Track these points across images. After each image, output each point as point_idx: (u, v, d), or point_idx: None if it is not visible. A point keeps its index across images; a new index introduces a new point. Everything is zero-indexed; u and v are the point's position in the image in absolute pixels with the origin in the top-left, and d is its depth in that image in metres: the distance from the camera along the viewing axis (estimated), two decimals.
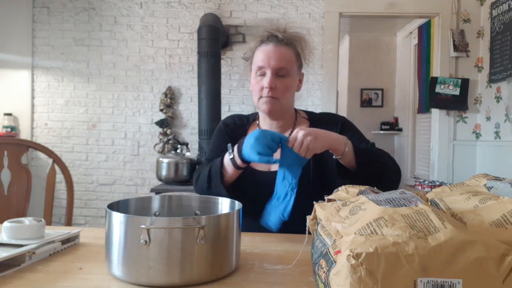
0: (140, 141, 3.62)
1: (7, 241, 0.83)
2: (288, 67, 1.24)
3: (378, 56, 5.60)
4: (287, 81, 1.25)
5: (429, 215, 0.56)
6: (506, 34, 3.06)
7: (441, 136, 3.48)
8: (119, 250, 0.72)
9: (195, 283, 0.72)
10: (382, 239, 0.52)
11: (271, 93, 1.23)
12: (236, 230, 0.79)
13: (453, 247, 0.50)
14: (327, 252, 0.59)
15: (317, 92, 3.52)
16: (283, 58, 1.24)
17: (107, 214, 0.76)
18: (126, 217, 0.73)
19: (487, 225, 0.61)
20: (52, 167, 1.61)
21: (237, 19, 3.55)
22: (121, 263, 0.72)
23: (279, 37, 1.25)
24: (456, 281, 0.49)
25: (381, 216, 0.57)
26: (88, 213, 3.65)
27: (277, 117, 1.30)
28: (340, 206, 0.68)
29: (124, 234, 0.72)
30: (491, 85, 3.27)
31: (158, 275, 0.70)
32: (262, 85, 1.24)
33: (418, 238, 0.52)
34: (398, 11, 3.48)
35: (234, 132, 1.38)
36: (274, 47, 1.24)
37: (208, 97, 3.19)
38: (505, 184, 0.72)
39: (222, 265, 0.75)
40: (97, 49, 3.64)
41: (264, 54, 1.24)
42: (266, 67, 1.23)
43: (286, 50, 1.25)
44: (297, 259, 0.81)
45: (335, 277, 0.52)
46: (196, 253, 0.71)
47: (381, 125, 5.50)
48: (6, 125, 3.57)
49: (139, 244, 0.70)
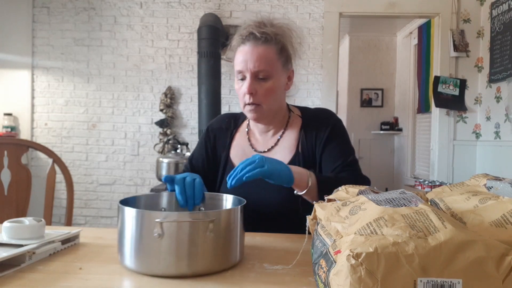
0: (140, 141, 3.62)
1: (7, 241, 0.83)
2: (268, 68, 1.14)
3: (378, 56, 5.60)
4: (269, 85, 1.16)
5: (429, 215, 0.57)
6: (506, 34, 3.06)
7: (441, 136, 3.48)
8: (132, 243, 0.77)
9: (204, 273, 0.76)
10: (382, 239, 0.52)
11: (253, 99, 1.15)
12: (240, 224, 0.84)
13: (453, 247, 0.50)
14: (327, 252, 0.59)
15: (317, 92, 3.52)
16: (262, 60, 1.13)
17: (120, 209, 0.80)
18: (140, 212, 0.78)
19: (487, 225, 0.61)
20: (52, 167, 1.61)
21: (237, 19, 3.55)
22: (134, 255, 0.77)
23: (256, 35, 1.14)
24: (456, 281, 0.49)
25: (381, 216, 0.57)
26: (88, 213, 3.65)
27: (266, 122, 1.25)
28: (340, 206, 0.68)
29: (137, 228, 0.77)
30: (491, 85, 3.27)
31: (170, 265, 0.75)
32: (243, 90, 1.16)
33: (418, 238, 0.52)
34: (398, 11, 3.48)
35: (217, 137, 1.33)
36: (252, 48, 1.14)
37: (208, 97, 3.19)
38: (505, 184, 0.72)
39: (228, 256, 0.80)
40: (97, 49, 3.64)
41: (242, 56, 1.15)
42: (244, 71, 1.15)
43: (265, 49, 1.14)
44: (297, 259, 0.80)
45: (335, 277, 0.52)
46: (208, 244, 0.76)
47: (381, 125, 5.50)
48: (6, 125, 3.57)
49: (152, 237, 0.74)
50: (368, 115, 5.62)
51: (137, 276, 0.76)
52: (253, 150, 1.28)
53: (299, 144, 1.25)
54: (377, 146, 5.59)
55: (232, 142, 1.32)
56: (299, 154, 1.24)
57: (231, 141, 1.32)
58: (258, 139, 1.31)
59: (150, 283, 0.74)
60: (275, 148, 1.27)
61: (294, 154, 1.24)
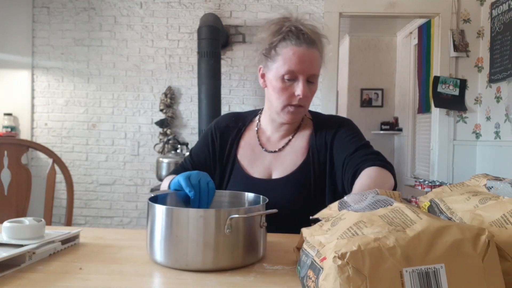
0: (140, 141, 3.62)
1: (7, 241, 0.83)
2: (318, 73, 1.16)
3: (378, 56, 5.60)
4: (315, 88, 1.17)
5: (404, 211, 0.59)
6: (506, 34, 3.06)
7: (441, 136, 3.48)
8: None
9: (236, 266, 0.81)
10: (364, 238, 0.53)
11: (301, 101, 1.14)
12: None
13: (430, 234, 0.53)
14: (313, 262, 0.60)
15: (317, 92, 3.51)
16: (317, 64, 1.14)
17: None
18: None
19: (487, 225, 0.61)
20: (52, 167, 1.61)
21: (237, 19, 3.55)
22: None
23: (310, 37, 1.13)
24: (438, 266, 0.51)
25: (360, 220, 0.59)
26: (88, 213, 3.65)
27: (291, 124, 1.24)
28: (323, 222, 0.70)
29: (207, 226, 0.79)
30: (491, 85, 3.27)
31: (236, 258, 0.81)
32: (293, 91, 1.13)
33: (397, 232, 0.54)
34: (398, 11, 3.48)
35: (224, 135, 1.29)
36: (308, 50, 1.12)
37: (208, 97, 3.19)
38: (505, 184, 0.72)
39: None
40: (97, 49, 3.64)
41: (297, 57, 1.11)
42: (299, 73, 1.12)
43: (317, 53, 1.14)
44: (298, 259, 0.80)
45: (324, 282, 0.53)
46: (263, 233, 0.86)
47: (381, 125, 5.50)
48: (6, 125, 3.57)
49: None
50: (368, 115, 5.61)
51: (137, 276, 0.76)
52: (263, 150, 1.26)
53: (310, 147, 1.23)
54: (377, 146, 5.52)
55: (240, 141, 1.29)
56: (310, 158, 1.21)
57: (239, 140, 1.29)
58: (269, 139, 1.28)
59: (151, 283, 0.74)
60: (286, 148, 1.25)
61: (305, 157, 1.22)
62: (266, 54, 1.17)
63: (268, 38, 1.16)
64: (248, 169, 1.24)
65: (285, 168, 1.22)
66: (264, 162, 1.25)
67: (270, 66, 1.16)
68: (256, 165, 1.24)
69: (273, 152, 1.25)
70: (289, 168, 1.22)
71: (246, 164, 1.25)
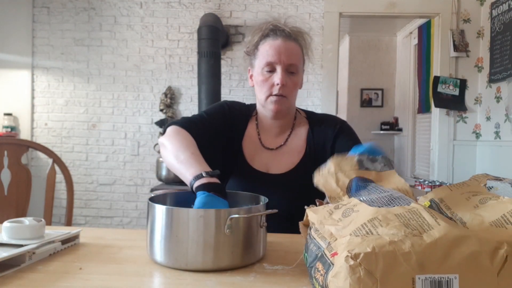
0: (140, 141, 3.62)
1: (7, 241, 0.83)
2: (297, 63, 1.20)
3: (378, 56, 5.60)
4: (296, 79, 1.21)
5: (422, 213, 0.57)
6: (506, 34, 3.06)
7: (441, 136, 3.48)
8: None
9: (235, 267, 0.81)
10: (379, 239, 0.52)
11: (282, 90, 1.17)
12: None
13: (447, 243, 0.51)
14: (323, 255, 0.59)
15: (317, 92, 3.52)
16: (294, 54, 1.19)
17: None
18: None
19: (487, 225, 0.61)
20: (52, 167, 1.61)
21: (237, 19, 3.55)
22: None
23: (286, 31, 1.20)
24: (452, 276, 0.50)
25: (375, 217, 0.57)
26: (88, 213, 3.65)
27: (280, 117, 1.25)
28: (333, 209, 0.69)
29: (207, 226, 0.79)
30: (491, 85, 3.27)
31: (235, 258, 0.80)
32: (272, 82, 1.18)
33: (413, 236, 0.52)
34: (398, 11, 3.48)
35: (236, 118, 1.29)
36: (284, 42, 1.18)
37: (208, 97, 3.19)
38: (505, 184, 0.72)
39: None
40: (97, 49, 3.64)
41: (273, 49, 1.17)
42: (276, 63, 1.17)
43: (295, 46, 1.20)
44: (298, 260, 0.80)
45: (333, 279, 0.52)
46: (263, 233, 0.86)
47: (381, 125, 5.50)
48: (6, 125, 3.57)
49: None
50: (368, 115, 5.62)
51: (137, 276, 0.76)
52: (262, 147, 1.28)
53: (307, 146, 1.26)
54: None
55: (245, 131, 1.30)
56: (307, 156, 1.25)
57: (245, 130, 1.30)
58: (267, 136, 1.30)
59: (151, 283, 0.74)
60: (283, 147, 1.27)
61: (303, 155, 1.25)
62: (249, 53, 1.25)
63: (252, 40, 1.24)
64: (249, 160, 1.27)
65: (283, 166, 1.25)
66: (262, 157, 1.27)
67: (254, 64, 1.24)
68: (256, 159, 1.27)
69: (271, 149, 1.28)
70: (287, 166, 1.25)
71: (247, 154, 1.27)
